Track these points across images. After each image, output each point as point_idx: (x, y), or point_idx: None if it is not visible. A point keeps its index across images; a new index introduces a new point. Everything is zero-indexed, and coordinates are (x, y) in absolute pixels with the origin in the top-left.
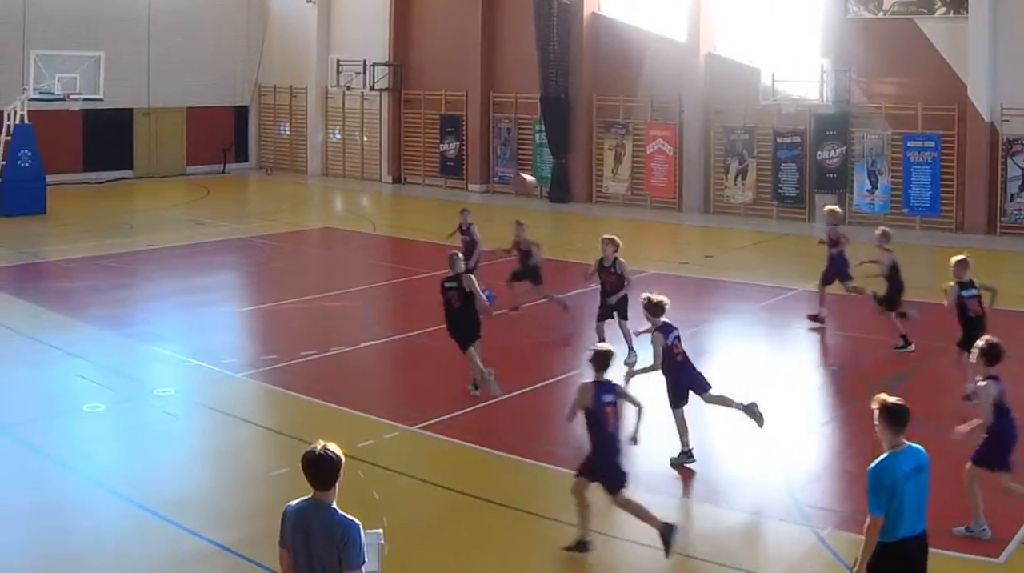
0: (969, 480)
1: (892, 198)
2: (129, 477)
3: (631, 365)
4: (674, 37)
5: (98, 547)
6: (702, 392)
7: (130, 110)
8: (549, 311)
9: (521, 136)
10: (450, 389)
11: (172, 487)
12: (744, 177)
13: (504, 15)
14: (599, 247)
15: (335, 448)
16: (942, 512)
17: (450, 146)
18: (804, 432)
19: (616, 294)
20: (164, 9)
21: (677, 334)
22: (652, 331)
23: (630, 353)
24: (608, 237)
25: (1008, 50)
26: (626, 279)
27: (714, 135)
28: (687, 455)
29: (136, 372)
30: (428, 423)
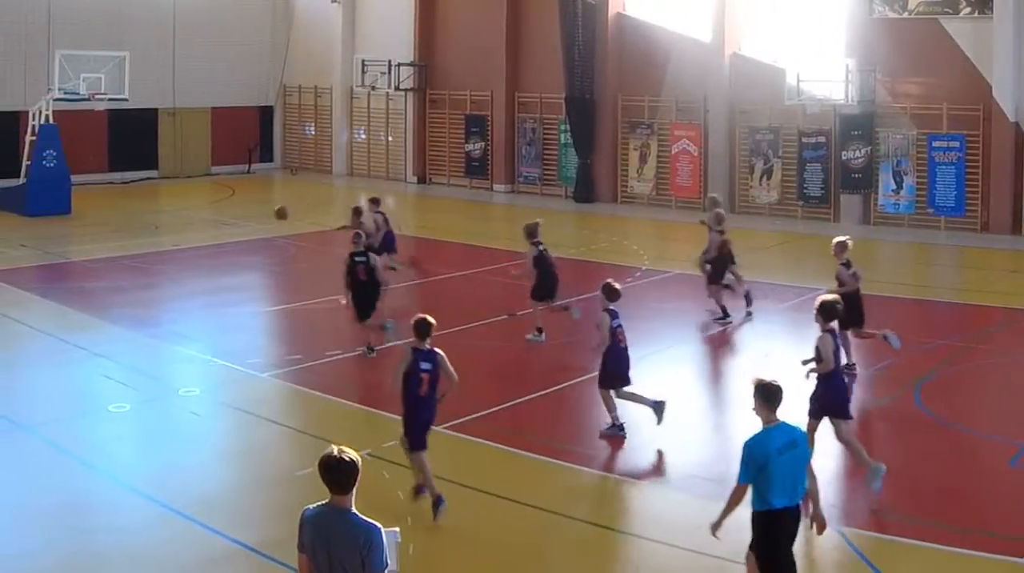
0: (836, 433)
1: (917, 198)
2: (154, 477)
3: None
4: (699, 37)
5: (122, 547)
6: (622, 386)
7: (155, 110)
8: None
9: (546, 136)
10: (474, 389)
11: (197, 487)
12: (769, 177)
13: (529, 15)
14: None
15: (352, 452)
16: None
17: (475, 146)
18: (828, 431)
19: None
20: (189, 9)
21: (621, 323)
22: (601, 311)
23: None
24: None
25: None
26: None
27: (739, 135)
28: (617, 428)
29: (161, 372)
30: (452, 423)
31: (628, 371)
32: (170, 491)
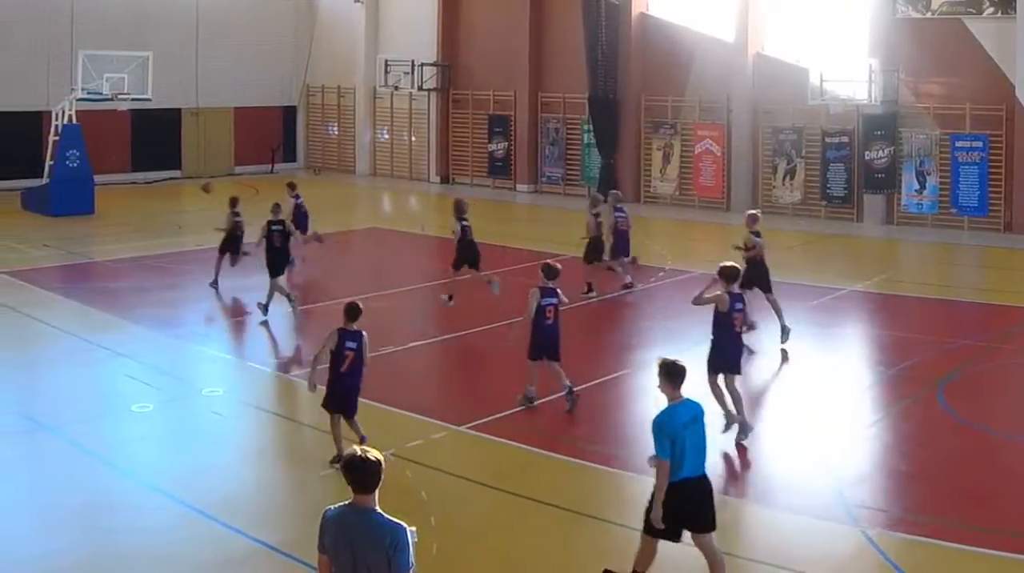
0: (710, 385)
1: (940, 198)
2: (177, 477)
3: None
4: (722, 37)
5: (145, 546)
6: (552, 360)
7: (178, 110)
8: (594, 311)
9: (569, 136)
10: (498, 389)
11: (219, 487)
12: (792, 177)
13: (552, 15)
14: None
15: (375, 452)
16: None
17: (498, 146)
18: (852, 432)
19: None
20: (212, 9)
21: (553, 302)
22: (532, 288)
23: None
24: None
25: None
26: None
27: (762, 135)
28: (528, 400)
29: (184, 372)
30: (476, 423)
31: (554, 346)
32: (193, 491)
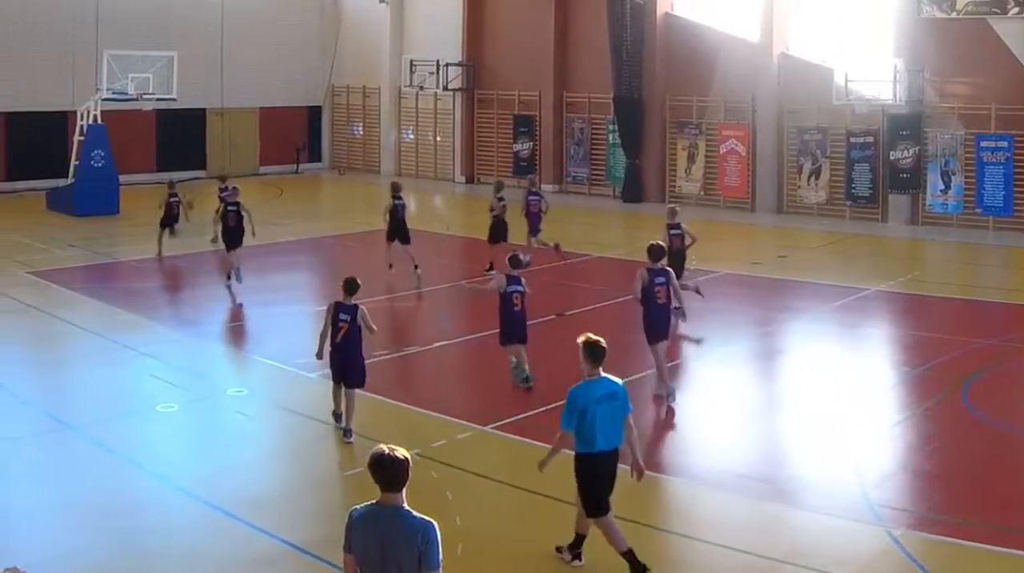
0: (653, 353)
1: (965, 198)
2: (202, 477)
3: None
4: (747, 37)
5: (170, 546)
6: (520, 344)
7: (203, 110)
8: (614, 312)
9: (594, 136)
10: (523, 390)
11: (245, 487)
12: (817, 177)
13: (577, 15)
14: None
15: (402, 450)
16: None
17: (523, 146)
18: (877, 432)
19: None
20: (237, 9)
21: (519, 290)
22: (498, 274)
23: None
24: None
25: None
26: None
27: (787, 135)
28: (524, 380)
29: (209, 372)
30: (501, 423)
31: (523, 331)
32: (218, 491)
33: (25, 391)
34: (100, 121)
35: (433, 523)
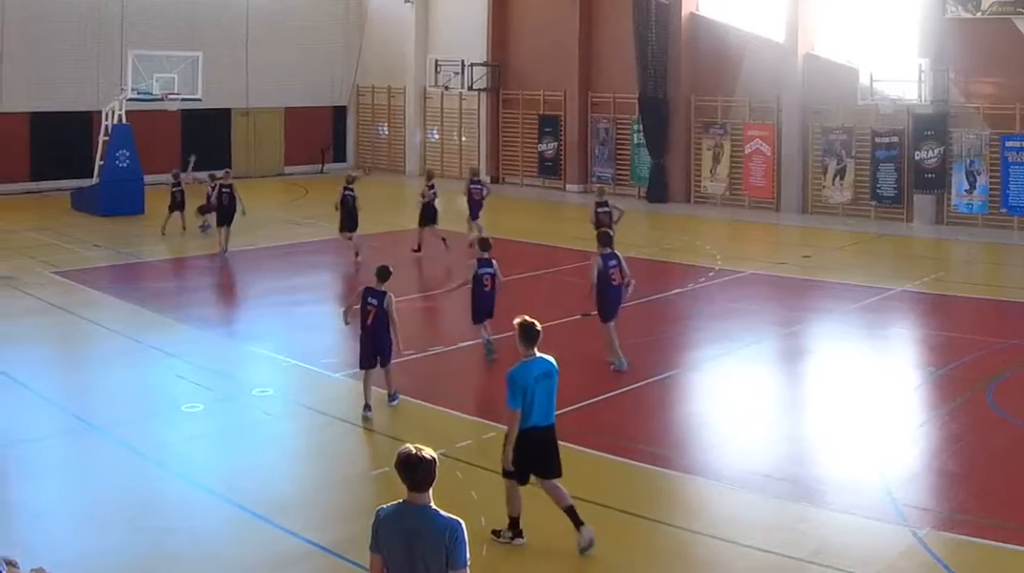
0: (606, 329)
1: (990, 198)
2: (227, 477)
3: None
4: (772, 37)
5: (195, 547)
6: (486, 318)
7: (228, 110)
8: (643, 311)
9: (619, 136)
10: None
11: (270, 487)
12: (842, 177)
13: (602, 15)
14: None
15: (429, 449)
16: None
17: (548, 146)
18: (902, 432)
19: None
20: (262, 10)
21: (491, 272)
22: (471, 259)
23: None
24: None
25: None
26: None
27: (812, 135)
28: (489, 344)
29: (234, 372)
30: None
31: (490, 308)
32: (243, 491)
33: (50, 391)
34: (125, 121)
35: (460, 522)
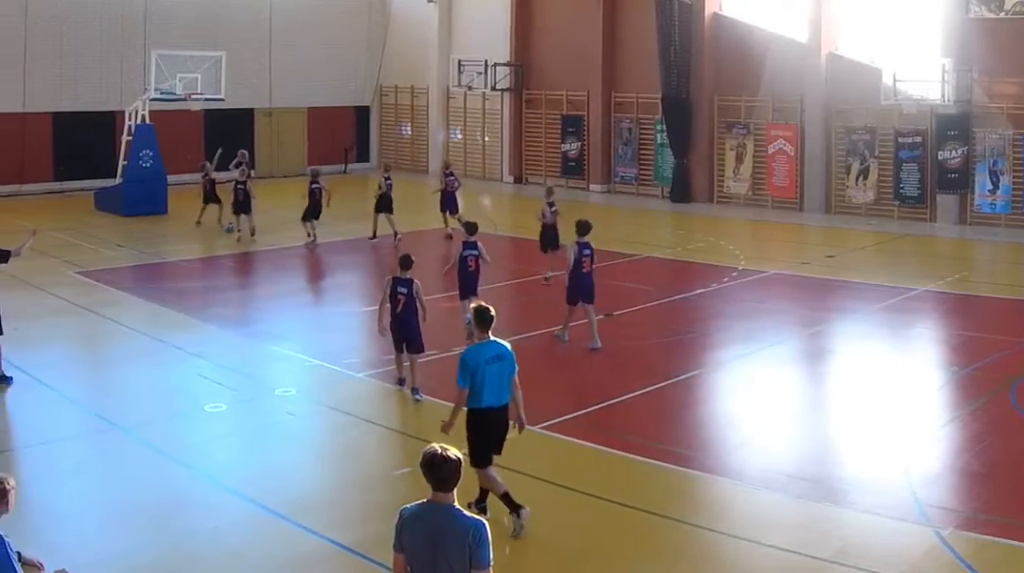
0: (568, 312)
1: (1013, 198)
2: (250, 477)
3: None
4: (795, 37)
5: (218, 547)
6: (471, 295)
7: (251, 110)
8: (666, 311)
9: (642, 136)
10: (571, 389)
11: (293, 487)
12: (865, 177)
13: (625, 15)
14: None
15: (454, 450)
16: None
17: (571, 146)
18: (925, 431)
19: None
20: (285, 10)
21: (474, 253)
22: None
23: None
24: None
25: None
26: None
27: (835, 135)
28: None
29: (257, 372)
30: (549, 423)
31: (474, 287)
32: (266, 491)
33: (74, 391)
34: (148, 121)
35: (484, 522)
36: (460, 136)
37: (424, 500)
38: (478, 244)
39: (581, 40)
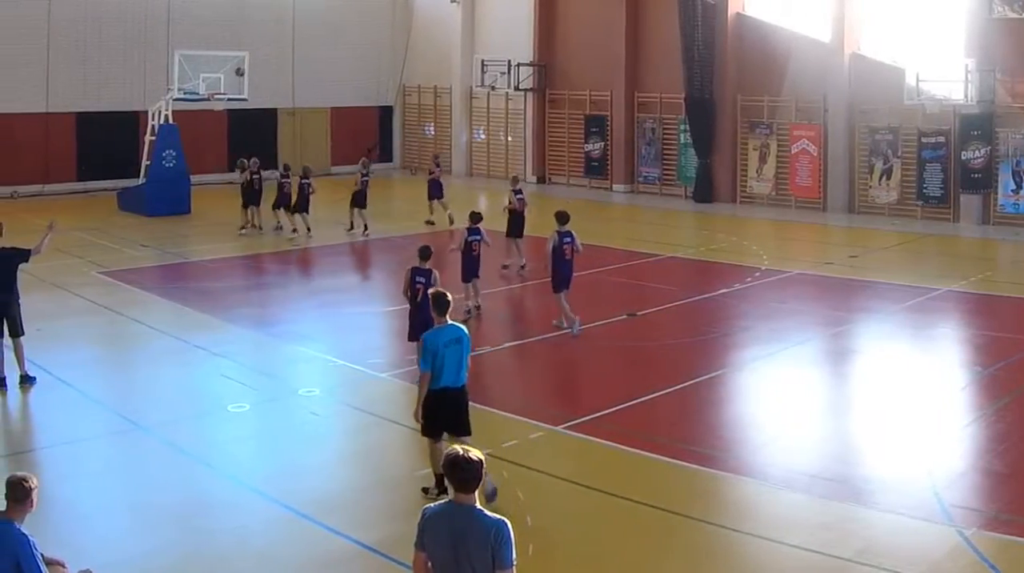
0: (557, 301)
1: None
2: (273, 477)
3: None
4: (818, 37)
5: (242, 547)
6: (474, 278)
7: (274, 110)
8: (689, 311)
9: (666, 136)
10: (595, 389)
11: (317, 487)
12: (889, 177)
13: (648, 15)
14: (743, 247)
15: (476, 451)
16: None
17: (595, 146)
18: (948, 431)
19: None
20: (308, 9)
21: (478, 239)
22: (463, 229)
23: None
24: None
25: None
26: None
27: (859, 135)
28: (467, 312)
29: (280, 372)
30: (573, 423)
31: (476, 270)
32: (290, 491)
33: (97, 391)
34: (172, 121)
35: (506, 522)
36: (483, 136)
37: (447, 500)
38: (481, 230)
39: (604, 40)
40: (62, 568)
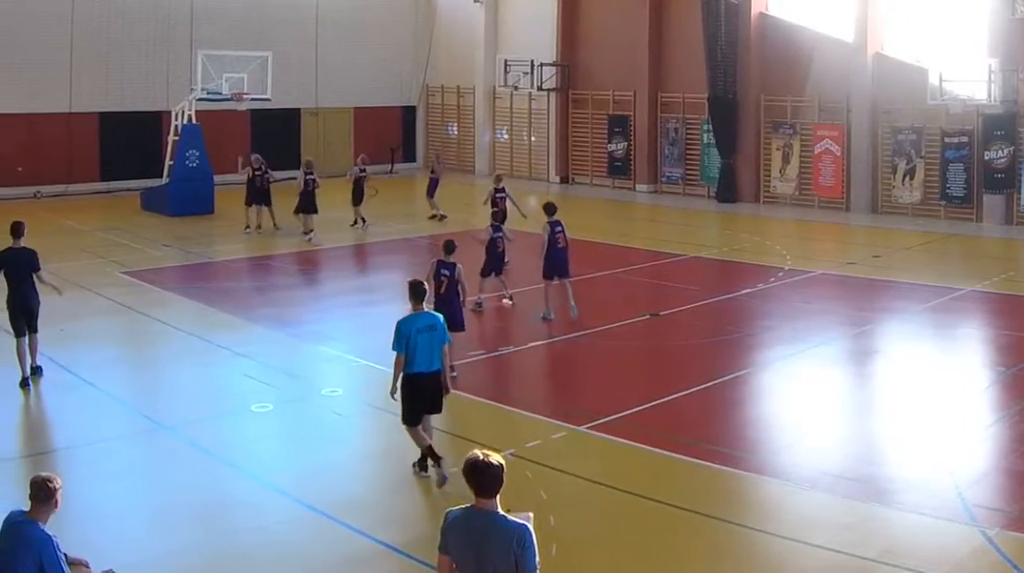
0: (545, 288)
1: None
2: (296, 477)
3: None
4: (841, 37)
5: (266, 546)
6: (498, 272)
7: (297, 110)
8: (712, 311)
9: (689, 136)
10: (618, 389)
11: (340, 487)
12: (912, 177)
13: (672, 15)
14: (766, 247)
15: (497, 455)
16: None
17: (618, 146)
18: (971, 431)
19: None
20: (332, 10)
21: (501, 235)
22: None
23: None
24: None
25: None
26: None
27: (882, 135)
28: (477, 304)
29: (304, 372)
30: (596, 423)
31: (500, 265)
32: (313, 491)
33: (120, 391)
34: (195, 121)
35: (528, 526)
36: (506, 136)
37: (468, 505)
38: (503, 227)
39: (627, 40)
40: (85, 568)
